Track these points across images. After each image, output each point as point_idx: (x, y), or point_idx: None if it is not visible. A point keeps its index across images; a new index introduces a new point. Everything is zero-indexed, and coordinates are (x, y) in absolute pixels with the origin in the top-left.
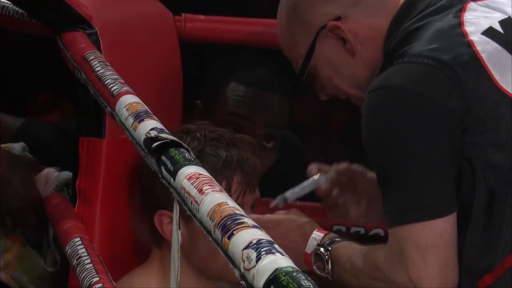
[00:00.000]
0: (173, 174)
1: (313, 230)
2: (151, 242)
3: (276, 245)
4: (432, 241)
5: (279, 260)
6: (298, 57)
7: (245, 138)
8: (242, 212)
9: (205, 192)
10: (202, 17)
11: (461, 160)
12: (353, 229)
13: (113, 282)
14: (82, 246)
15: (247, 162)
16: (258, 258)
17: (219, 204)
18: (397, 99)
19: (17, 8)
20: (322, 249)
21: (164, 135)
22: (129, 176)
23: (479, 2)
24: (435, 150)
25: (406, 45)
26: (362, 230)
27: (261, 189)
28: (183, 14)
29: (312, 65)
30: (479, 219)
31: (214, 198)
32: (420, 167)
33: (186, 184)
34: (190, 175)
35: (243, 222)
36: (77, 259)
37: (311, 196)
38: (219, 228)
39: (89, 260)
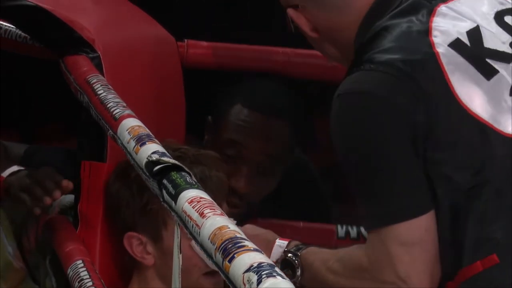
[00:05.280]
0: (175, 197)
1: (276, 238)
2: (129, 264)
3: (277, 269)
4: (418, 238)
5: (280, 284)
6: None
7: (210, 154)
8: (243, 236)
9: (206, 215)
10: (204, 43)
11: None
12: None
13: None
14: (84, 269)
15: (210, 179)
16: (259, 281)
17: (220, 228)
18: (367, 105)
19: (20, 32)
20: (290, 255)
21: (165, 159)
22: None
23: (450, 4)
24: (407, 152)
25: (375, 46)
26: None
27: (271, 210)
28: (185, 40)
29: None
30: (443, 228)
31: (215, 222)
32: (396, 167)
33: (187, 207)
34: (192, 199)
35: (244, 246)
36: (78, 282)
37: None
38: (220, 251)
39: (91, 283)
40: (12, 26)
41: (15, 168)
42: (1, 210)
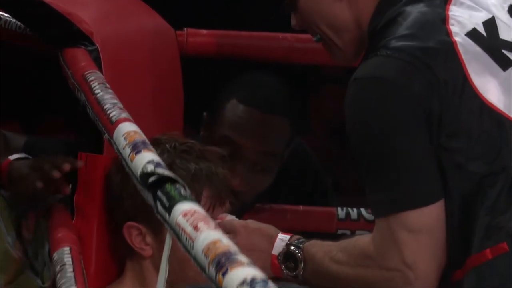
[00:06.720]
0: (169, 210)
1: (278, 233)
2: (124, 254)
3: (270, 284)
4: (427, 226)
5: None
6: None
7: (215, 150)
8: (237, 250)
9: (199, 229)
10: (204, 31)
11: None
12: (357, 232)
13: None
14: (69, 256)
15: (217, 176)
16: None
17: (214, 242)
18: (383, 91)
19: (19, 23)
20: (293, 248)
21: (160, 171)
22: None
23: None
24: (421, 139)
25: (391, 32)
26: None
27: (272, 197)
28: (185, 29)
29: None
30: (453, 217)
31: (208, 235)
32: (409, 154)
33: (181, 220)
34: (186, 212)
35: (237, 260)
36: (60, 266)
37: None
38: (213, 265)
39: (71, 269)
40: (11, 17)
41: (22, 154)
42: (1, 199)
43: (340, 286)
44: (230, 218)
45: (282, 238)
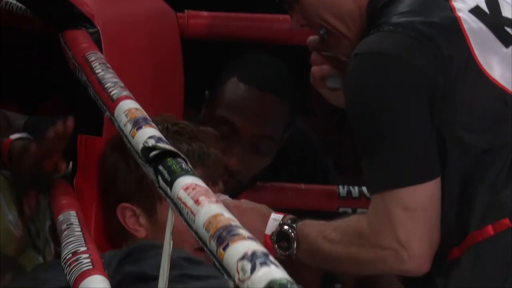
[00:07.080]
0: (170, 184)
1: (271, 213)
2: (120, 236)
3: (271, 257)
4: (422, 204)
5: (274, 272)
6: None
7: (208, 131)
8: (238, 224)
9: (201, 203)
10: (205, 13)
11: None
12: (359, 210)
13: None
14: (76, 218)
15: (209, 156)
16: (253, 270)
17: (215, 216)
18: (385, 66)
19: (20, 4)
20: (286, 227)
21: (161, 145)
22: None
23: None
24: (421, 115)
25: (392, 10)
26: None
27: (274, 178)
28: (186, 11)
29: None
30: (452, 193)
31: (210, 209)
32: (408, 130)
33: (182, 194)
34: (187, 186)
35: (238, 234)
36: (67, 225)
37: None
38: (214, 239)
39: (79, 229)
40: None
41: (24, 134)
42: (2, 177)
43: (333, 265)
44: (223, 198)
45: (275, 218)
